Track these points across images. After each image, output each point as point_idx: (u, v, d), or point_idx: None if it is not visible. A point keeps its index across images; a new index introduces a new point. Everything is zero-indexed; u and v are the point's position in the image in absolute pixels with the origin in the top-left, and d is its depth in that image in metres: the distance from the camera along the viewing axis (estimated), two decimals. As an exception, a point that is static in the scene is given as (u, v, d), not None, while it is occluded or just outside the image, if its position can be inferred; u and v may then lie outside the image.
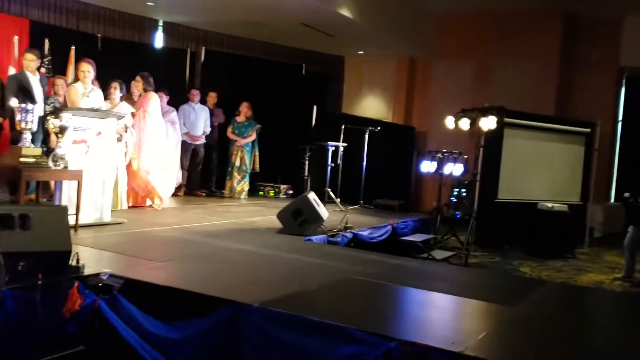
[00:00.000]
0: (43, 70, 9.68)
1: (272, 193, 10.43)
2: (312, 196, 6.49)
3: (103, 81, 8.12)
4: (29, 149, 5.09)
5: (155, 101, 7.24)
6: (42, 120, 5.69)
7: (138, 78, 7.12)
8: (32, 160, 5.05)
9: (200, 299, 3.62)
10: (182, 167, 9.12)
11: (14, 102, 5.28)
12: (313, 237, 6.14)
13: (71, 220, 5.31)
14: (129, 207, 7.04)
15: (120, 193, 6.80)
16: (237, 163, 9.42)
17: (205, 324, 3.54)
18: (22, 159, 4.98)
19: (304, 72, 13.02)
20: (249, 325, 3.40)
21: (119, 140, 6.68)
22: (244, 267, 4.62)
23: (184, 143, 9.10)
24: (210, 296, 3.61)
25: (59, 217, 3.79)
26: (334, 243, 6.25)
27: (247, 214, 7.75)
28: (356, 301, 3.88)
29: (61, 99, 7.10)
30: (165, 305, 3.75)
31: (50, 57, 9.97)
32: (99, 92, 6.68)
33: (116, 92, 6.78)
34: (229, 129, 9.56)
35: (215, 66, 11.68)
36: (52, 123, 5.24)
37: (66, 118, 5.40)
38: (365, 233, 7.01)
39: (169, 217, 6.88)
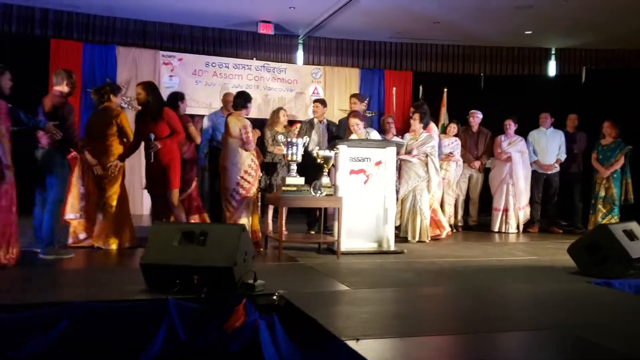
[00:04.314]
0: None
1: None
2: (622, 226, 4.83)
3: (491, 117, 8.37)
4: (292, 179, 5.49)
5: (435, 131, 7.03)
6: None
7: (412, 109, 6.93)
8: (294, 189, 5.43)
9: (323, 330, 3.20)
10: (533, 199, 8.09)
11: (281, 137, 5.82)
12: (616, 281, 4.53)
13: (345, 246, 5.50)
14: (432, 238, 6.71)
15: (420, 224, 6.55)
16: (602, 193, 7.76)
17: (320, 356, 3.12)
18: (284, 188, 5.41)
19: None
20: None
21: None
22: (427, 304, 3.86)
23: (534, 173, 8.08)
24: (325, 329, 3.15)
25: (232, 235, 3.93)
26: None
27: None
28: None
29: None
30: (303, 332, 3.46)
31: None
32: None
33: (415, 122, 6.68)
34: (593, 155, 7.97)
35: (596, 86, 10.13)
36: (317, 153, 5.51)
37: (337, 149, 5.63)
38: None
39: (464, 250, 6.28)
